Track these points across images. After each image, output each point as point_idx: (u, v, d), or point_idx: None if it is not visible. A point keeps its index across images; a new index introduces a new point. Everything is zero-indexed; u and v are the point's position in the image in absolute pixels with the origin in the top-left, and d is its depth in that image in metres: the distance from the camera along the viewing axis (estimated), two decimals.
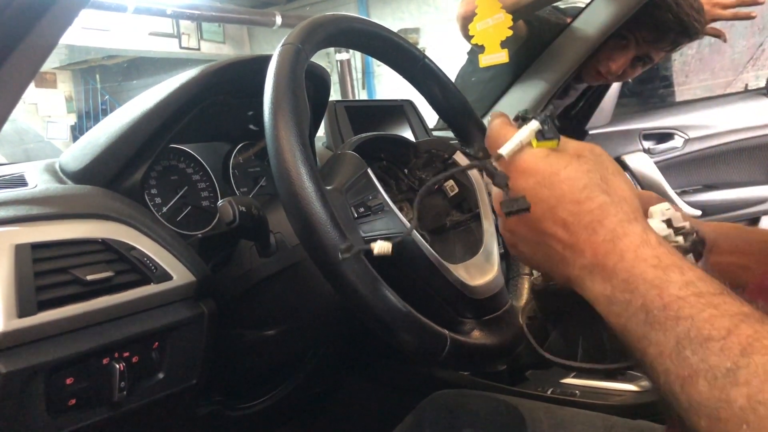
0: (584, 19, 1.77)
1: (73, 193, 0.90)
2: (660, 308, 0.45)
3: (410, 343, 0.74)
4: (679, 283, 0.46)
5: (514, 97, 1.93)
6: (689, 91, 2.93)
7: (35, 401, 0.71)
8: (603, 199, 0.52)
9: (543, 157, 0.55)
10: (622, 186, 0.54)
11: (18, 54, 0.69)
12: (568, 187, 0.53)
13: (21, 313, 0.70)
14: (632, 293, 0.47)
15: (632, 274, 0.48)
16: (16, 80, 0.72)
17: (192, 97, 0.95)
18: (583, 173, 0.53)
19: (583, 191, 0.52)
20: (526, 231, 0.56)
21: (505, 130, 0.58)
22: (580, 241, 0.52)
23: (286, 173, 0.71)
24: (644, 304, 0.46)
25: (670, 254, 0.48)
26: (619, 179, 0.54)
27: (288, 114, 0.73)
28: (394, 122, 1.53)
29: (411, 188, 1.03)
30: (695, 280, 0.46)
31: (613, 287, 0.49)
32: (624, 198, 0.53)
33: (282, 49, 0.79)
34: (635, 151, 2.35)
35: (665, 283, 0.46)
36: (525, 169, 0.55)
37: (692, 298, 0.44)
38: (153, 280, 0.84)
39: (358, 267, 0.71)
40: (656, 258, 0.48)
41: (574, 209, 0.52)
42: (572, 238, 0.52)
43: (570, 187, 0.53)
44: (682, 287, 0.45)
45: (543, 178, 0.54)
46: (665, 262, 0.47)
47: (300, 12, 9.41)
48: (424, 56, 1.02)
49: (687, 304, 0.44)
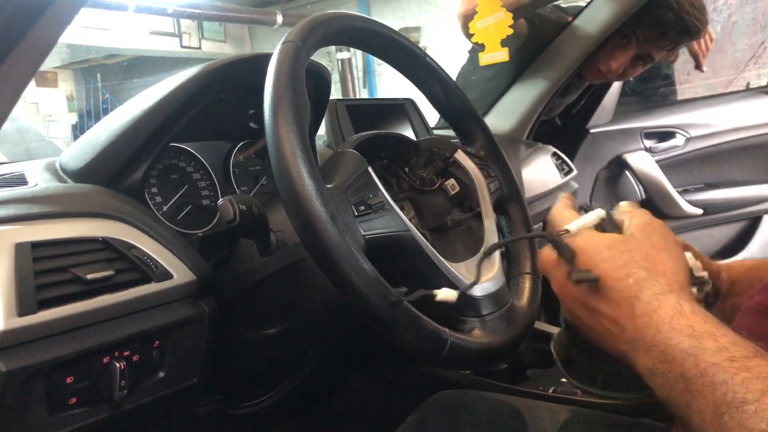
0: (585, 17, 1.77)
1: (73, 191, 0.90)
2: (697, 376, 0.47)
3: (411, 342, 0.74)
4: (713, 349, 0.48)
5: (516, 96, 1.93)
6: (691, 89, 2.93)
7: (36, 400, 0.71)
8: (640, 275, 0.56)
9: (589, 238, 0.61)
10: (663, 260, 0.58)
11: (18, 53, 0.69)
12: (609, 266, 0.58)
13: (21, 312, 0.69)
14: (670, 364, 0.50)
15: (668, 345, 0.51)
16: (15, 79, 0.72)
17: (192, 96, 0.95)
18: (624, 252, 0.58)
19: (622, 269, 0.57)
20: (579, 306, 0.61)
21: (568, 213, 0.67)
22: (621, 317, 0.56)
23: (286, 172, 0.71)
24: (682, 373, 0.49)
25: (704, 321, 0.51)
26: (663, 254, 0.59)
27: (288, 112, 0.73)
28: (396, 121, 1.53)
29: (412, 187, 1.03)
30: (728, 345, 0.48)
31: (654, 359, 0.52)
32: (662, 271, 0.57)
33: (282, 47, 0.79)
34: (637, 150, 2.35)
35: (700, 351, 0.48)
36: (578, 250, 0.61)
37: (726, 363, 0.46)
38: (153, 279, 0.83)
39: (358, 265, 0.71)
40: (690, 327, 0.51)
41: (614, 286, 0.57)
42: (615, 314, 0.56)
43: (611, 266, 0.58)
44: (715, 353, 0.47)
45: (588, 258, 0.60)
46: (699, 330, 0.50)
47: (301, 11, 9.41)
48: (426, 55, 1.01)
49: (721, 370, 0.46)
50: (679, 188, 2.36)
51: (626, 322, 0.55)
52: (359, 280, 0.71)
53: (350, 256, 0.70)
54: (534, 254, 1.06)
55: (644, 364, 0.53)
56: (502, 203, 1.08)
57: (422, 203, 1.02)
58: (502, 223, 1.09)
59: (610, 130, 2.33)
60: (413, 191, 1.02)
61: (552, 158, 1.87)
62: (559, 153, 1.92)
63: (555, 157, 1.88)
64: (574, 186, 1.96)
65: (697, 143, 2.37)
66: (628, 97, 2.57)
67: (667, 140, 2.37)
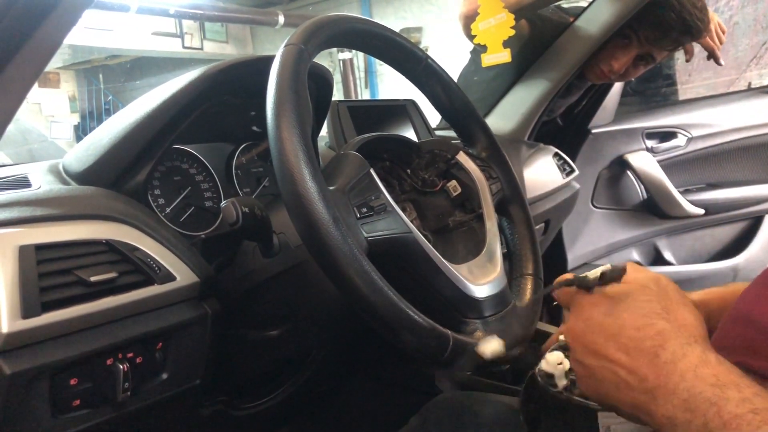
0: (587, 17, 1.77)
1: (76, 194, 0.90)
2: (720, 427, 0.47)
3: (413, 343, 0.74)
4: (737, 400, 0.48)
5: (517, 96, 1.93)
6: (692, 89, 2.93)
7: (40, 402, 0.72)
8: (663, 326, 0.56)
9: (608, 289, 0.61)
10: (683, 314, 0.58)
11: (23, 53, 0.70)
12: (628, 316, 0.57)
13: (25, 314, 0.70)
14: (693, 412, 0.49)
15: (692, 393, 0.50)
16: (20, 80, 0.73)
17: (195, 98, 0.95)
18: (644, 303, 0.58)
19: (642, 319, 0.57)
20: (591, 356, 0.59)
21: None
22: (642, 366, 0.54)
23: (288, 174, 0.71)
24: (705, 422, 0.48)
25: (729, 372, 0.51)
26: (681, 308, 0.59)
27: (291, 114, 0.74)
28: (397, 122, 1.53)
29: (413, 188, 1.03)
30: (752, 396, 0.48)
31: (675, 407, 0.51)
32: (684, 324, 0.57)
33: (285, 49, 0.79)
34: (638, 150, 2.35)
35: (723, 401, 0.48)
36: (593, 299, 0.61)
37: (749, 415, 0.46)
38: (156, 281, 0.84)
39: (361, 267, 0.71)
40: (714, 377, 0.50)
41: (635, 335, 0.56)
42: (634, 363, 0.55)
43: (630, 315, 0.57)
44: (739, 404, 0.47)
45: (607, 308, 0.59)
46: (723, 380, 0.50)
47: (302, 12, 9.41)
48: (427, 56, 1.02)
49: (744, 422, 0.46)
50: (681, 188, 2.36)
51: (648, 371, 0.54)
52: (361, 282, 0.71)
53: (352, 258, 0.71)
54: (536, 256, 1.06)
55: (664, 413, 0.52)
56: (503, 204, 1.08)
57: (424, 205, 1.02)
58: (504, 224, 1.09)
59: (612, 130, 2.33)
60: (415, 193, 1.03)
61: (554, 159, 1.87)
62: (560, 153, 1.92)
63: (557, 158, 1.88)
64: (576, 186, 1.96)
65: (699, 143, 2.37)
66: (630, 97, 2.58)
67: (669, 140, 2.37)
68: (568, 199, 1.89)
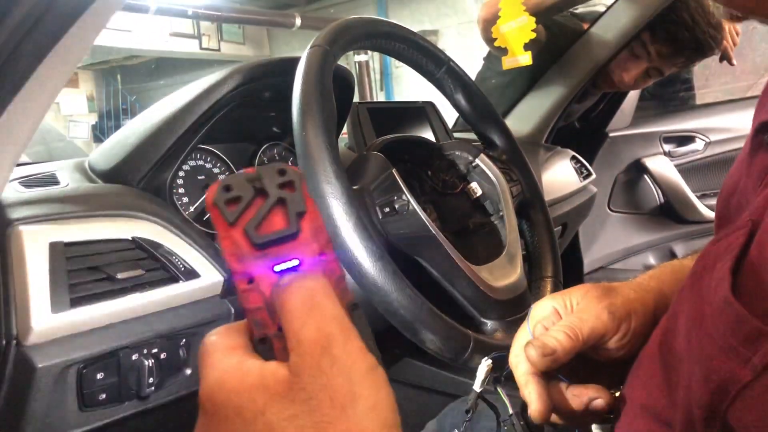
0: (603, 24, 1.78)
1: (103, 192, 0.92)
2: None
3: (434, 343, 0.75)
4: None
5: (534, 100, 1.93)
6: (710, 94, 2.91)
7: (68, 395, 0.73)
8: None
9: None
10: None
11: (53, 55, 0.71)
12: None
13: (55, 309, 0.71)
14: None
15: None
16: (51, 81, 0.74)
17: (221, 99, 0.97)
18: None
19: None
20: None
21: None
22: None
23: (314, 173, 0.72)
24: None
25: None
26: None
27: (316, 115, 0.75)
28: (416, 124, 1.53)
29: (434, 190, 1.04)
30: None
31: None
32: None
33: (310, 51, 0.80)
34: (656, 154, 2.34)
35: None
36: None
37: None
38: (181, 279, 0.85)
39: (383, 266, 0.72)
40: None
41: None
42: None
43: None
44: None
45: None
46: None
47: (319, 14, 9.44)
48: (449, 59, 1.03)
49: None
50: (698, 193, 2.35)
51: None
52: (383, 280, 0.72)
53: (375, 256, 0.72)
54: (556, 259, 1.06)
55: None
56: (523, 207, 1.09)
57: (444, 206, 1.03)
58: (524, 226, 1.10)
59: (629, 134, 2.32)
60: (436, 194, 1.03)
61: (571, 162, 1.87)
62: (578, 156, 1.92)
63: (574, 161, 1.88)
64: (593, 190, 1.96)
65: (717, 148, 2.36)
66: (647, 101, 2.57)
67: (687, 144, 2.36)
68: (585, 203, 1.89)
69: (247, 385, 0.34)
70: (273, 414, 0.33)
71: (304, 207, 0.37)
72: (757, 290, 0.39)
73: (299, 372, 0.34)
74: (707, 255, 0.46)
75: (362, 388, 0.34)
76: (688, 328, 0.45)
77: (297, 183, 0.37)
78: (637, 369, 0.56)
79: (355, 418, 0.33)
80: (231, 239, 0.36)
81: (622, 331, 0.60)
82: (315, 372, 0.33)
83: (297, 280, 0.36)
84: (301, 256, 0.37)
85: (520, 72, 1.71)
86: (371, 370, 0.35)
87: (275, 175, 0.37)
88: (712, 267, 0.44)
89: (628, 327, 0.60)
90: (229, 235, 0.36)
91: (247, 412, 0.33)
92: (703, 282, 0.44)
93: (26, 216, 0.77)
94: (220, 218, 0.36)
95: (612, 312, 0.60)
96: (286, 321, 0.35)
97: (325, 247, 0.38)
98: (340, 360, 0.34)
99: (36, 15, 0.67)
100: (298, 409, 0.33)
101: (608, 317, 0.60)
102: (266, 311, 0.37)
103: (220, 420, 0.34)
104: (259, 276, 0.37)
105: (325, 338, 0.34)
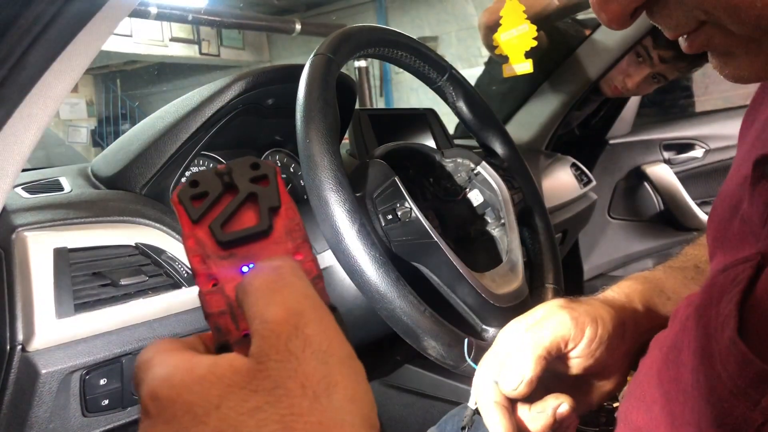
0: (604, 30, 1.78)
1: (107, 198, 0.92)
2: None
3: (435, 349, 0.75)
4: None
5: (534, 107, 1.94)
6: (710, 101, 2.92)
7: (71, 401, 0.73)
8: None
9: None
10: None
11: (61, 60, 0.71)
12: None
13: (59, 315, 0.72)
14: None
15: None
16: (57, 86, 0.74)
17: (224, 106, 0.97)
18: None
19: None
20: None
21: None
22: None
23: (317, 180, 0.73)
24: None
25: None
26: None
27: (320, 123, 0.75)
28: (417, 131, 1.54)
29: (436, 197, 1.04)
30: None
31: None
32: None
33: (314, 59, 0.81)
34: (656, 161, 2.35)
35: None
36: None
37: None
38: (184, 284, 0.85)
39: (385, 272, 0.72)
40: None
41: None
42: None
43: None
44: None
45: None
46: None
47: (319, 20, 9.45)
48: (451, 67, 1.03)
49: None
50: (699, 200, 2.35)
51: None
52: (386, 287, 0.72)
53: (378, 263, 0.72)
54: (557, 266, 1.07)
55: None
56: (525, 214, 1.09)
57: (446, 213, 1.03)
58: (525, 234, 1.10)
59: (629, 141, 2.33)
60: (437, 201, 1.04)
61: (571, 169, 1.87)
62: (578, 164, 1.92)
63: (574, 168, 1.89)
64: (593, 197, 1.97)
65: (717, 155, 2.36)
66: (648, 108, 2.58)
67: (687, 152, 2.37)
68: (585, 210, 1.90)
69: (197, 377, 0.29)
70: (230, 408, 0.27)
71: (278, 202, 0.33)
72: (764, 331, 0.39)
73: (263, 357, 0.29)
74: (713, 286, 0.45)
75: (340, 375, 0.29)
76: (695, 365, 0.44)
77: (271, 177, 0.34)
78: (635, 390, 0.55)
79: (331, 410, 0.28)
80: (195, 238, 0.33)
81: (589, 337, 0.60)
82: (283, 356, 0.28)
83: (261, 263, 0.32)
84: (273, 256, 0.33)
85: (521, 78, 1.71)
86: (350, 358, 0.30)
87: (247, 169, 0.34)
88: (718, 300, 0.43)
89: (594, 333, 0.60)
90: (193, 233, 0.33)
91: (198, 408, 0.28)
92: (709, 315, 0.44)
93: (30, 222, 0.77)
94: (185, 215, 0.33)
95: (574, 318, 0.60)
96: (248, 305, 0.31)
97: (300, 246, 0.34)
98: (313, 341, 0.29)
99: (43, 22, 0.68)
100: (261, 400, 0.28)
101: (571, 322, 0.60)
102: (229, 316, 0.33)
103: (167, 419, 0.28)
104: (223, 277, 0.33)
105: (295, 316, 0.29)
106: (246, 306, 0.31)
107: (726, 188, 0.54)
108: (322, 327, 0.30)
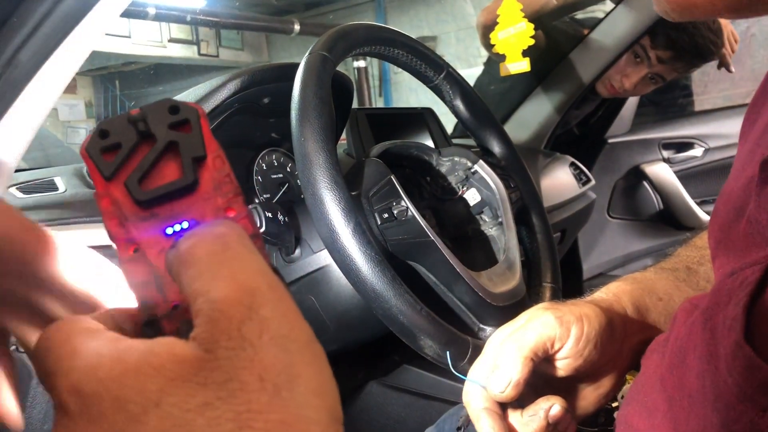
0: (602, 30, 1.78)
1: None
2: None
3: (432, 349, 0.75)
4: None
5: (533, 107, 1.94)
6: (709, 100, 2.92)
7: None
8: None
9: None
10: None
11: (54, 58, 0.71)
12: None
13: None
14: None
15: None
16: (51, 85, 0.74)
17: (219, 104, 0.97)
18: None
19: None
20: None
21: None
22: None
23: (312, 179, 0.72)
24: None
25: None
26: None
27: (315, 122, 0.75)
28: (415, 130, 1.53)
29: (433, 196, 1.04)
30: None
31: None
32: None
33: (309, 57, 0.81)
34: (655, 161, 2.34)
35: None
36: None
37: None
38: None
39: (382, 272, 0.72)
40: None
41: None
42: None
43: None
44: None
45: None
46: None
47: (318, 20, 9.45)
48: (448, 66, 1.03)
49: None
50: (698, 199, 2.35)
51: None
52: (382, 287, 0.72)
53: (374, 262, 0.72)
54: (555, 265, 1.06)
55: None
56: (523, 213, 1.09)
57: (443, 212, 1.03)
58: (523, 233, 1.10)
59: (628, 140, 2.33)
60: (434, 200, 1.03)
61: (570, 168, 1.87)
62: (577, 163, 1.92)
63: (573, 167, 1.88)
64: (592, 196, 1.96)
65: (716, 154, 2.36)
66: (647, 107, 2.57)
67: (686, 151, 2.36)
68: (584, 209, 1.89)
69: (130, 367, 0.24)
70: (173, 405, 0.23)
71: (203, 151, 0.29)
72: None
73: (212, 344, 0.24)
74: (720, 290, 0.45)
75: (302, 364, 0.25)
76: (701, 370, 0.43)
77: (194, 121, 0.29)
78: (636, 395, 0.55)
79: (294, 405, 0.24)
80: (110, 197, 0.28)
81: (575, 336, 0.60)
82: (236, 343, 0.24)
83: (200, 229, 0.28)
84: (201, 213, 0.29)
85: (519, 78, 1.71)
86: (311, 342, 0.27)
87: (165, 114, 0.29)
88: (726, 304, 0.42)
89: (580, 331, 0.60)
90: (108, 192, 0.28)
91: (133, 405, 0.23)
92: (716, 319, 0.43)
93: None
94: (96, 172, 0.28)
95: (558, 317, 0.60)
96: (189, 278, 0.26)
97: (232, 201, 0.29)
98: (271, 325, 0.25)
99: (36, 20, 0.67)
100: (211, 395, 0.23)
101: (555, 321, 0.60)
102: (155, 286, 0.28)
103: (92, 419, 0.23)
104: (145, 241, 0.28)
105: (249, 295, 0.25)
106: (184, 280, 0.26)
107: (729, 189, 0.53)
108: (280, 308, 0.26)
